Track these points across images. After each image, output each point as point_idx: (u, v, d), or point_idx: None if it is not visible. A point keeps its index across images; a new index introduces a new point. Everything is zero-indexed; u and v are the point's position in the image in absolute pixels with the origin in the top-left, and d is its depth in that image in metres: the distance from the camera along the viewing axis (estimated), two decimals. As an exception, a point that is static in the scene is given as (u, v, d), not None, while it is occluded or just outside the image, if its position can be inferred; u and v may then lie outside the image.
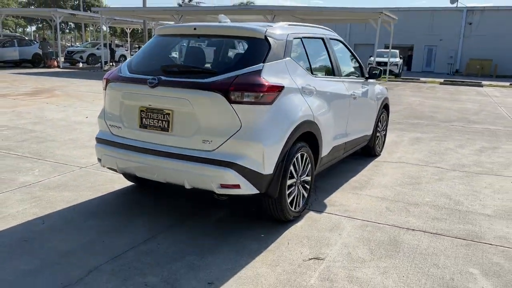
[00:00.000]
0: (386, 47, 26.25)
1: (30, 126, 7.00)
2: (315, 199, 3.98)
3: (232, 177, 2.91)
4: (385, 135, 6.00)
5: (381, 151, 5.89)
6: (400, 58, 26.31)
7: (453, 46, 34.04)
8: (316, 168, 3.80)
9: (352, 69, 4.93)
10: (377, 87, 5.46)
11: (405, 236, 3.27)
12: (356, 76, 4.91)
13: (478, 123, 8.94)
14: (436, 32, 34.58)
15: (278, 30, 3.44)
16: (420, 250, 3.05)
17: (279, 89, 3.11)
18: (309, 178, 3.62)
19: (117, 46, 30.27)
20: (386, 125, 6.02)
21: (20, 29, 69.19)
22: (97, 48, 27.46)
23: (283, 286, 2.53)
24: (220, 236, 3.16)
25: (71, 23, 55.81)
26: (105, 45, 25.00)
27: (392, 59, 23.65)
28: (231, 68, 3.10)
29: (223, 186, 2.95)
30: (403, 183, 4.59)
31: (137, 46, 43.88)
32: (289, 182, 3.28)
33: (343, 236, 3.24)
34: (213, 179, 2.95)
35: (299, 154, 3.37)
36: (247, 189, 2.99)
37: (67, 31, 66.72)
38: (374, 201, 4.01)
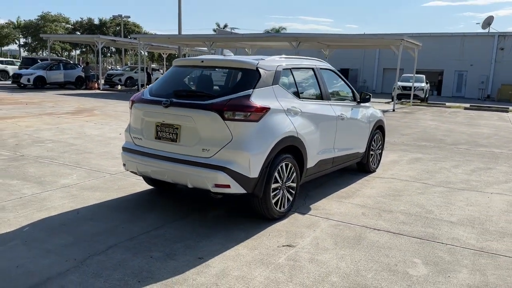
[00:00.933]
0: (418, 72, 26.60)
1: (71, 140, 8.06)
2: (302, 204, 4.66)
3: (223, 178, 3.68)
4: (380, 153, 6.61)
5: (376, 167, 6.49)
6: (427, 83, 26.50)
7: (484, 71, 33.84)
8: (302, 177, 4.50)
9: (343, 94, 5.65)
10: (370, 110, 6.12)
11: (369, 234, 3.90)
12: (348, 100, 5.62)
13: (484, 146, 9.32)
14: (466, 57, 34.53)
15: (269, 63, 4.24)
16: (378, 245, 3.67)
17: (265, 110, 3.88)
18: (294, 185, 4.32)
19: (154, 70, 32.07)
20: (382, 145, 6.63)
21: (66, 53, 73.74)
22: (135, 72, 29.31)
23: (256, 262, 3.23)
24: (214, 228, 3.90)
25: (112, 48, 59.26)
26: (142, 69, 26.72)
27: (417, 84, 23.95)
28: (227, 92, 3.92)
29: (216, 185, 3.72)
30: (385, 195, 5.19)
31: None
32: (274, 185, 4.00)
33: (316, 231, 3.91)
34: (209, 180, 3.72)
35: (283, 164, 4.09)
36: (236, 188, 3.74)
37: (109, 54, 70.69)
38: (354, 208, 4.65)
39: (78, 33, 68.59)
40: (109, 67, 48.28)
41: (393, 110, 18.18)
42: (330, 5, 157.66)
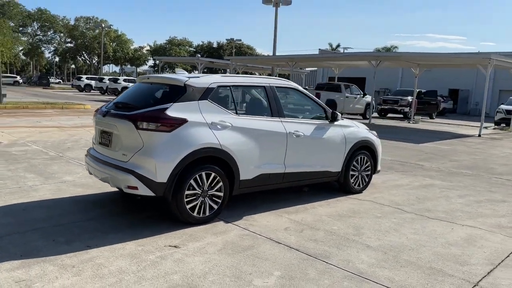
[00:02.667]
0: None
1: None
2: (239, 214, 4.88)
3: (132, 181, 4.18)
4: (368, 175, 6.37)
5: (362, 189, 6.28)
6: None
7: None
8: (234, 188, 4.75)
9: (309, 113, 5.73)
10: (349, 130, 6.01)
11: (263, 245, 3.99)
12: (315, 119, 5.68)
13: (537, 178, 8.13)
14: None
15: (201, 80, 4.67)
16: (260, 255, 3.76)
17: (179, 121, 4.29)
18: (220, 194, 4.61)
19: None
20: (372, 167, 6.37)
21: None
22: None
23: (128, 255, 3.63)
24: (132, 226, 4.39)
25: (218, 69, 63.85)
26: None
27: (524, 108, 21.21)
28: (150, 105, 4.44)
29: (128, 187, 4.23)
30: (336, 215, 5.10)
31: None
32: (189, 192, 4.35)
33: (217, 238, 4.13)
34: (123, 182, 4.25)
35: (203, 173, 4.43)
36: (144, 191, 4.20)
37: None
38: (285, 222, 4.71)
39: (198, 55, 75.31)
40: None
41: (479, 136, 16.46)
42: (463, 23, 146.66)
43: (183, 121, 4.32)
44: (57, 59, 77.93)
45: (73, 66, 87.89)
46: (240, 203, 5.28)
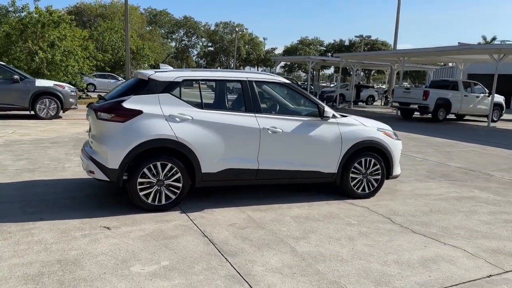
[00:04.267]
0: None
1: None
2: (203, 206, 4.95)
3: (91, 165, 4.62)
4: (378, 180, 5.72)
5: (368, 194, 5.68)
6: None
7: None
8: (196, 180, 4.84)
9: (296, 108, 5.47)
10: (350, 128, 5.51)
11: (188, 237, 4.02)
12: (303, 115, 5.39)
13: None
14: None
15: (165, 74, 4.88)
16: (172, 245, 3.81)
17: (134, 113, 4.57)
18: (179, 184, 4.76)
19: (363, 86, 32.40)
20: (383, 171, 5.70)
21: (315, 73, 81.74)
22: (346, 89, 30.56)
23: (57, 231, 4.05)
24: (95, 208, 4.84)
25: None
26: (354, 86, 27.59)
27: None
28: (116, 97, 4.81)
29: (89, 171, 4.69)
30: (302, 217, 4.77)
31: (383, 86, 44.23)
32: (142, 180, 4.61)
33: (153, 225, 4.30)
34: (86, 167, 4.73)
35: (158, 163, 4.64)
36: (100, 175, 4.60)
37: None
38: (239, 219, 4.61)
39: (329, 54, 74.85)
40: (328, 84, 49.98)
41: None
42: None
43: (137, 113, 4.60)
44: (202, 61, 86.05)
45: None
46: (217, 195, 5.34)
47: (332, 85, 40.87)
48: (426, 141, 12.15)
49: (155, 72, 4.91)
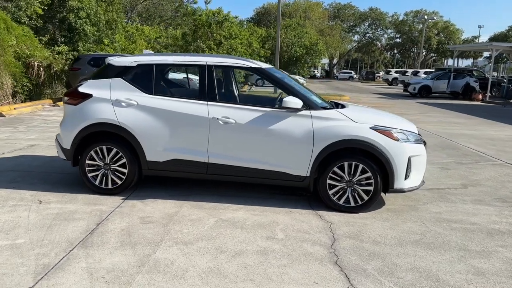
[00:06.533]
0: None
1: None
2: (149, 195, 4.79)
3: (56, 145, 5.00)
4: (368, 192, 4.43)
5: (353, 208, 4.47)
6: None
7: None
8: (143, 168, 4.72)
9: (264, 98, 4.68)
10: (324, 123, 4.42)
11: (91, 220, 3.97)
12: (269, 105, 4.65)
13: None
14: None
15: (122, 59, 4.87)
16: (61, 226, 3.84)
17: (84, 96, 4.74)
18: (124, 170, 4.73)
19: None
20: (376, 182, 4.39)
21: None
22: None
23: (14, 198, 4.56)
24: (71, 185, 5.22)
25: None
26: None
27: None
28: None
29: (57, 152, 5.08)
30: (227, 222, 4.11)
31: None
32: (90, 162, 4.75)
33: (78, 206, 4.39)
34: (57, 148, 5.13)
35: (104, 147, 4.72)
36: (60, 155, 4.95)
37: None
38: (161, 215, 4.29)
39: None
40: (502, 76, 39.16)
41: None
42: None
43: (87, 96, 4.74)
44: (388, 54, 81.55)
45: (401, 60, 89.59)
46: (183, 188, 5.10)
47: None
48: None
49: (115, 57, 4.95)
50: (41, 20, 18.75)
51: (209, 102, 4.61)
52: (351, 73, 70.24)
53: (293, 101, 4.40)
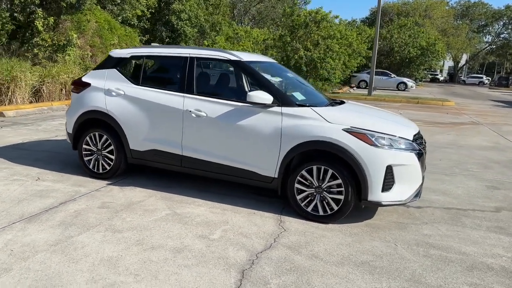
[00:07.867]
0: None
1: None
2: (132, 183, 4.94)
3: (66, 131, 5.48)
4: (338, 201, 3.93)
5: (322, 218, 4.01)
6: None
7: None
8: (127, 156, 4.91)
9: (239, 91, 4.53)
10: (294, 122, 4.05)
11: (54, 194, 4.27)
12: (242, 99, 4.39)
13: None
14: None
15: (121, 51, 5.11)
16: (31, 205, 4.21)
17: (84, 85, 5.10)
18: (111, 156, 4.98)
19: None
20: (347, 190, 3.87)
21: None
22: None
23: (17, 173, 5.14)
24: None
25: None
26: None
27: None
28: (88, 73, 5.44)
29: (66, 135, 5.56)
30: (177, 216, 4.02)
31: None
32: (86, 147, 5.10)
33: (63, 186, 4.75)
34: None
35: (97, 133, 5.03)
36: (68, 139, 5.38)
37: None
38: (126, 203, 4.40)
39: None
40: None
41: None
42: None
43: (87, 85, 5.09)
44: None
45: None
46: (172, 180, 5.16)
47: None
48: None
49: (115, 50, 5.21)
50: (149, 22, 20.70)
51: (185, 94, 4.58)
52: (481, 78, 63.00)
53: (259, 96, 4.11)
